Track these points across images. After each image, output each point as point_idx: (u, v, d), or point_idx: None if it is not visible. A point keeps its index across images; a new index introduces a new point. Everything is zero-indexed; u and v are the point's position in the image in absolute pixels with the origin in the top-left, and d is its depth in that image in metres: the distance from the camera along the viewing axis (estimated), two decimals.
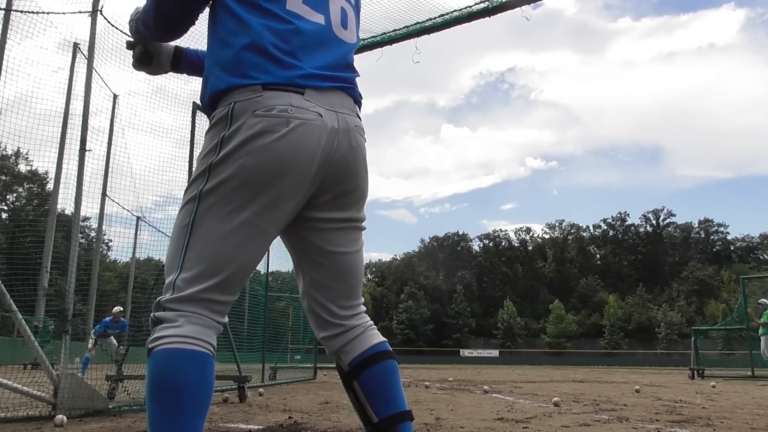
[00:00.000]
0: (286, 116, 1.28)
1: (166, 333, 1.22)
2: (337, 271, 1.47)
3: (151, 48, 1.65)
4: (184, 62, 1.70)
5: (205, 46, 1.59)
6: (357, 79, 1.52)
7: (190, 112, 5.50)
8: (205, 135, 1.38)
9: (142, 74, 1.82)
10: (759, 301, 11.90)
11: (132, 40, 1.67)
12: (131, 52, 1.67)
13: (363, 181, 1.46)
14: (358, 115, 1.47)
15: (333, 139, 1.34)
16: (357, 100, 1.48)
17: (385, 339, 1.53)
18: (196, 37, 1.84)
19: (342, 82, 1.42)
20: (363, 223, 1.51)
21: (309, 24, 1.41)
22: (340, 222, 1.45)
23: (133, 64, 1.68)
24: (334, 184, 1.39)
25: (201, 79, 1.55)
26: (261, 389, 6.48)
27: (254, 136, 1.26)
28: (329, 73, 1.40)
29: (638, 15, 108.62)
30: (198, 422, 1.19)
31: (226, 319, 1.33)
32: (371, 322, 1.54)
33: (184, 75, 1.84)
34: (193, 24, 1.50)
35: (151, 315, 1.28)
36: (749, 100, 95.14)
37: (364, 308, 1.56)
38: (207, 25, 1.47)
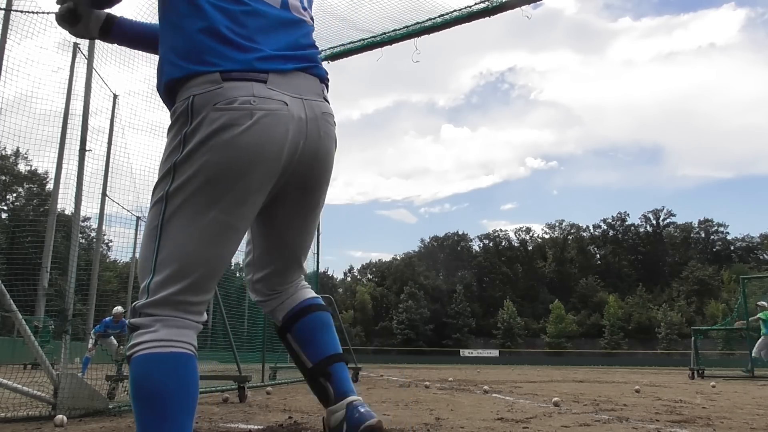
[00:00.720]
0: (249, 108, 1.23)
1: (143, 339, 1.21)
2: (290, 246, 1.52)
3: (81, 9, 1.56)
4: (116, 31, 1.63)
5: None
6: (320, 57, 1.50)
7: None
8: (168, 131, 1.34)
9: (142, 74, 1.81)
10: (758, 303, 11.91)
11: None
12: (58, 6, 1.57)
13: (330, 169, 1.46)
14: (326, 98, 1.43)
15: (301, 129, 1.30)
16: (323, 78, 1.43)
17: (316, 295, 1.60)
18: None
19: (305, 62, 1.37)
20: (321, 206, 1.53)
21: (265, 5, 1.37)
22: (305, 207, 1.47)
23: (56, 18, 1.59)
24: (304, 176, 1.38)
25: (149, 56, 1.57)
26: (269, 388, 6.49)
27: (217, 130, 1.22)
28: (290, 52, 1.35)
29: (638, 15, 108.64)
30: (185, 422, 1.18)
31: (205, 317, 1.32)
32: (304, 282, 1.61)
33: None
34: None
35: (128, 322, 1.27)
36: (749, 100, 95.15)
37: (301, 273, 1.61)
38: (158, 9, 1.40)
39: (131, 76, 5.34)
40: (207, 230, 1.25)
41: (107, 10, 1.60)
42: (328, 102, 1.43)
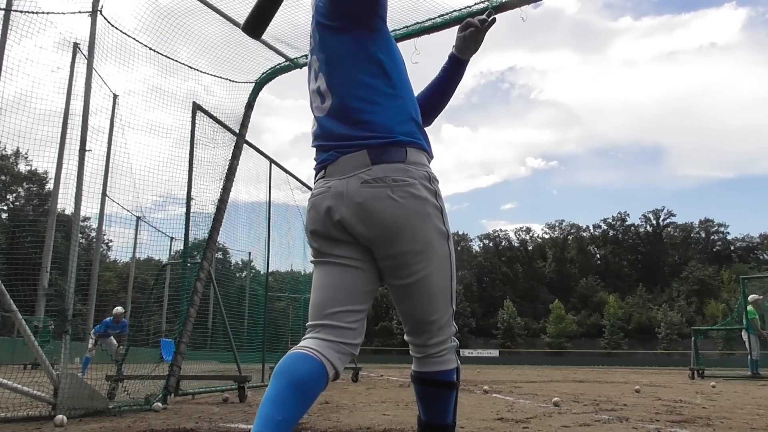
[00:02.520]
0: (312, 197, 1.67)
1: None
2: (403, 301, 1.75)
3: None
4: None
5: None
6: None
7: (190, 111, 5.50)
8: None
9: (141, 74, 1.87)
10: (749, 298, 11.92)
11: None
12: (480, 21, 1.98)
13: (401, 235, 1.60)
14: (370, 167, 1.58)
15: (341, 201, 1.58)
16: (372, 147, 1.60)
17: (451, 368, 1.81)
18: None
19: (341, 149, 1.62)
20: (409, 255, 1.63)
21: (318, 120, 1.70)
22: (387, 259, 1.64)
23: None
24: (369, 241, 1.61)
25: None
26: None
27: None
28: (332, 143, 1.65)
29: (639, 14, 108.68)
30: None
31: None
32: (443, 351, 1.81)
33: (182, 73, 1.97)
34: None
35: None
36: (750, 100, 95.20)
37: (441, 331, 1.82)
38: None
39: (131, 75, 5.34)
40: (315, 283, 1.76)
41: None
42: (376, 166, 1.59)
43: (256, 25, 1.64)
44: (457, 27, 2.09)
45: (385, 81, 1.62)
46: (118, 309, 10.71)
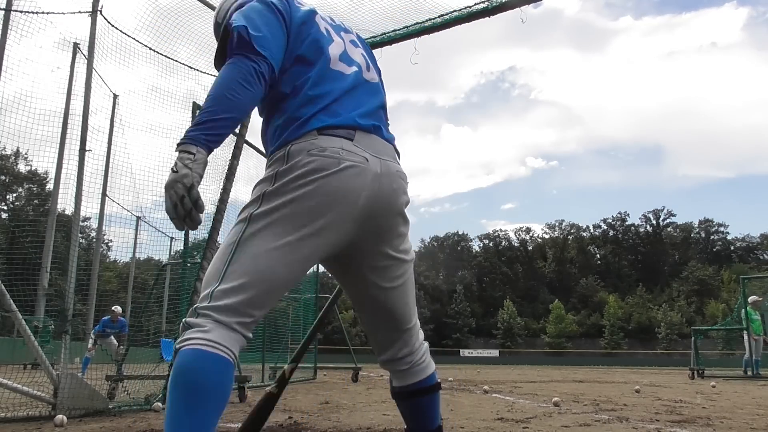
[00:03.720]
0: (338, 157, 1.44)
1: (194, 335, 1.32)
2: (385, 304, 1.64)
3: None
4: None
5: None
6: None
7: (190, 111, 5.50)
8: (265, 171, 1.53)
9: (140, 73, 1.84)
10: (749, 299, 11.93)
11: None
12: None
13: (401, 223, 1.60)
14: (398, 162, 1.63)
15: (376, 182, 1.49)
16: (396, 149, 1.65)
17: (426, 375, 1.74)
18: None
19: (379, 127, 1.59)
20: (408, 256, 1.65)
21: (345, 76, 1.60)
22: (386, 259, 1.59)
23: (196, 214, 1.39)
24: (380, 223, 1.53)
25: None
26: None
27: (307, 172, 1.41)
28: (370, 117, 1.59)
29: (639, 13, 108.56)
30: (213, 421, 1.29)
31: (251, 336, 1.42)
32: (423, 355, 1.76)
33: (181, 73, 1.93)
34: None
35: (184, 320, 1.38)
36: (751, 100, 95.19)
37: (414, 331, 1.75)
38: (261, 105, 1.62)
39: (130, 75, 5.34)
40: (279, 250, 1.39)
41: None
42: (399, 164, 1.63)
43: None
44: (457, 26, 2.11)
45: None
46: (116, 308, 10.72)
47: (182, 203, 1.36)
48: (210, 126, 1.38)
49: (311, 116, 1.49)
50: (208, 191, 5.73)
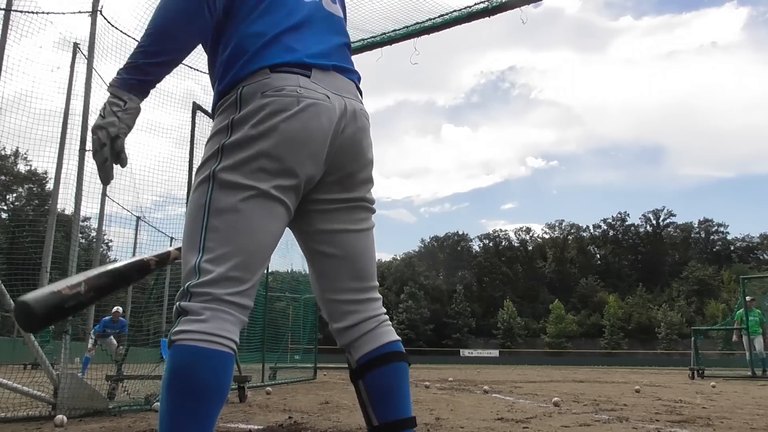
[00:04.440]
0: (296, 95, 1.29)
1: (191, 328, 1.19)
2: (346, 251, 1.44)
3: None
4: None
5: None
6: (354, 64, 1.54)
7: (190, 111, 5.50)
8: (214, 121, 1.37)
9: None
10: (746, 299, 11.96)
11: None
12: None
13: (369, 163, 1.48)
14: (361, 101, 1.49)
15: (341, 120, 1.35)
16: (356, 82, 1.49)
17: (398, 338, 1.48)
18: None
19: (340, 63, 1.44)
20: (372, 205, 1.50)
21: (303, 4, 1.43)
22: (347, 201, 1.44)
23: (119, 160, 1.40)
24: (343, 165, 1.40)
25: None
26: (269, 388, 6.50)
27: (266, 116, 1.27)
28: (327, 52, 1.42)
29: (639, 13, 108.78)
30: (213, 422, 1.19)
31: (252, 305, 1.30)
32: (386, 317, 1.51)
33: (181, 72, 1.82)
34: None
35: (177, 304, 1.24)
36: (751, 99, 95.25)
37: (379, 296, 1.52)
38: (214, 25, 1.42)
39: None
40: (255, 207, 1.27)
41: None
42: (362, 103, 1.49)
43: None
44: (457, 27, 2.05)
45: None
46: (116, 308, 10.72)
47: (102, 151, 1.30)
48: (146, 70, 1.28)
49: (261, 49, 1.33)
50: None
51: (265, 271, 9.20)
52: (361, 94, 1.51)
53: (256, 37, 1.35)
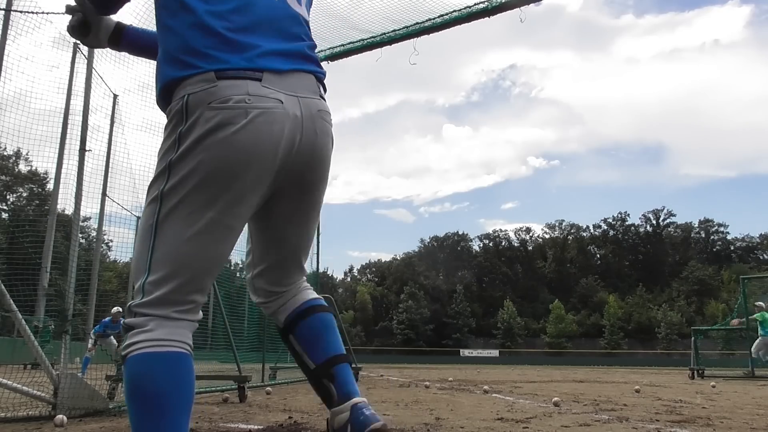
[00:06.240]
0: (244, 107, 1.22)
1: (138, 338, 1.20)
2: (289, 245, 1.50)
3: (91, 19, 1.58)
4: (125, 40, 1.63)
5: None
6: (318, 54, 1.50)
7: None
8: (164, 131, 1.34)
9: (139, 72, 1.83)
10: (755, 303, 11.94)
11: (73, 4, 1.58)
12: (70, 17, 1.59)
13: (327, 167, 1.46)
14: (322, 96, 1.42)
15: (296, 127, 1.29)
16: (319, 76, 1.42)
17: (318, 296, 1.59)
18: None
19: (300, 59, 1.38)
20: (320, 202, 1.52)
21: (262, 2, 1.37)
22: (303, 205, 1.46)
23: (68, 29, 1.60)
24: (302, 174, 1.38)
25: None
26: (269, 388, 6.50)
27: (212, 129, 1.21)
28: (286, 49, 1.35)
29: (641, 11, 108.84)
30: (182, 422, 1.19)
31: (200, 315, 1.31)
32: (306, 284, 1.60)
33: None
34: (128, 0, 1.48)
35: (123, 322, 1.26)
36: (754, 98, 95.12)
37: (303, 267, 1.60)
38: (155, 16, 1.41)
39: (130, 73, 5.34)
40: (202, 230, 1.24)
41: (116, 19, 1.63)
42: (324, 99, 1.43)
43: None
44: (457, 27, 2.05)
45: None
46: (116, 309, 10.72)
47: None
48: None
49: (208, 50, 1.25)
50: None
51: None
52: (324, 90, 1.45)
53: (203, 34, 1.27)
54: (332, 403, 1.46)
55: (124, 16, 1.68)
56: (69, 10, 1.59)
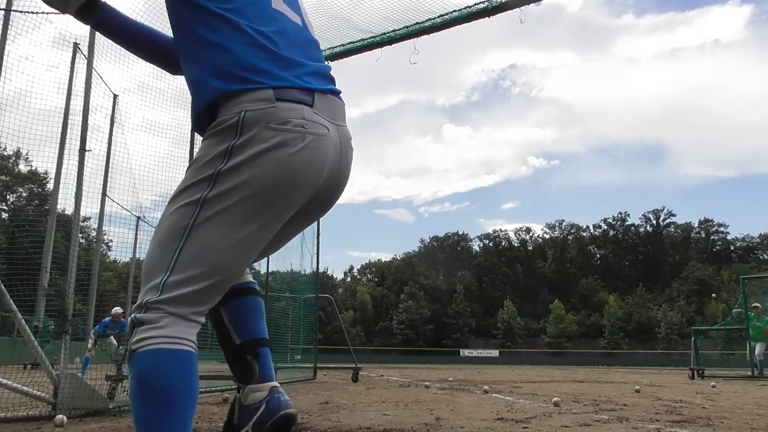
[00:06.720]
0: (302, 131, 1.28)
1: (150, 334, 1.21)
2: (273, 247, 1.58)
3: None
4: (98, 16, 1.57)
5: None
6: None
7: (188, 109, 5.49)
8: (204, 140, 1.34)
9: (139, 72, 1.81)
10: (752, 305, 11.96)
11: None
12: None
13: (344, 189, 1.54)
14: (346, 124, 1.51)
15: (337, 155, 1.38)
16: (343, 105, 1.50)
17: (253, 281, 1.67)
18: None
19: (332, 83, 1.45)
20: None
21: (291, 23, 1.43)
22: (312, 220, 1.56)
23: None
24: (330, 192, 1.45)
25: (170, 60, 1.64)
26: None
27: (270, 148, 1.25)
28: (322, 74, 1.42)
29: (641, 11, 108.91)
30: (189, 418, 1.21)
31: (203, 320, 1.33)
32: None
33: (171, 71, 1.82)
34: None
35: (132, 316, 1.26)
36: (754, 98, 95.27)
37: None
38: (179, 35, 1.41)
39: (130, 73, 5.34)
40: (242, 240, 1.28)
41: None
42: (347, 126, 1.51)
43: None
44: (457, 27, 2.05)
45: None
46: (116, 309, 10.71)
47: None
48: None
49: (263, 65, 1.30)
50: None
51: (265, 271, 9.20)
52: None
53: (255, 49, 1.32)
54: (250, 380, 1.53)
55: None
56: None
